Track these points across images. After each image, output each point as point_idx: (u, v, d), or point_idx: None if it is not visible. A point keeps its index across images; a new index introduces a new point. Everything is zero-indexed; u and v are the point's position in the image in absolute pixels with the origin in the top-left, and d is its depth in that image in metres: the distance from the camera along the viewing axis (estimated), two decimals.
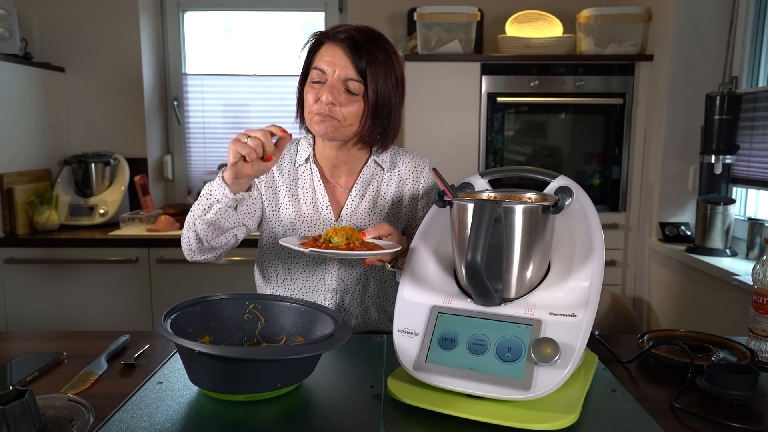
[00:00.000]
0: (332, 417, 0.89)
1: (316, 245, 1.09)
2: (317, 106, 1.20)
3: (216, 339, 1.06)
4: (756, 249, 2.06)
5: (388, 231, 1.16)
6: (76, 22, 2.92)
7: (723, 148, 2.16)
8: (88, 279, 2.56)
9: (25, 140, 2.70)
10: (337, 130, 1.22)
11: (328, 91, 1.19)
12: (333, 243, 1.10)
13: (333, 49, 1.21)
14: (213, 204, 1.16)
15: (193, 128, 3.24)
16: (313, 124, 1.23)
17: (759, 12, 2.23)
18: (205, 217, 1.18)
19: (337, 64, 1.19)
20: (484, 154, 2.61)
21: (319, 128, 1.22)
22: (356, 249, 1.08)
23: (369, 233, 1.14)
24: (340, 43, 1.20)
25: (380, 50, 1.22)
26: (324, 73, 1.20)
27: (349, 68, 1.19)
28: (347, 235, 1.10)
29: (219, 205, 1.16)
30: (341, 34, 1.20)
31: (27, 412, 0.80)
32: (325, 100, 1.19)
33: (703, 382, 0.97)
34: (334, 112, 1.20)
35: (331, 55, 1.20)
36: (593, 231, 0.97)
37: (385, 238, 1.16)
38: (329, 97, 1.18)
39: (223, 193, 1.14)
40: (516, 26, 2.68)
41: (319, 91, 1.21)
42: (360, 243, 1.11)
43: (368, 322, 1.37)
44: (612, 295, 2.44)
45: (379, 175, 1.35)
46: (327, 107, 1.19)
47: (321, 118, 1.20)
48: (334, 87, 1.19)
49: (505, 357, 0.89)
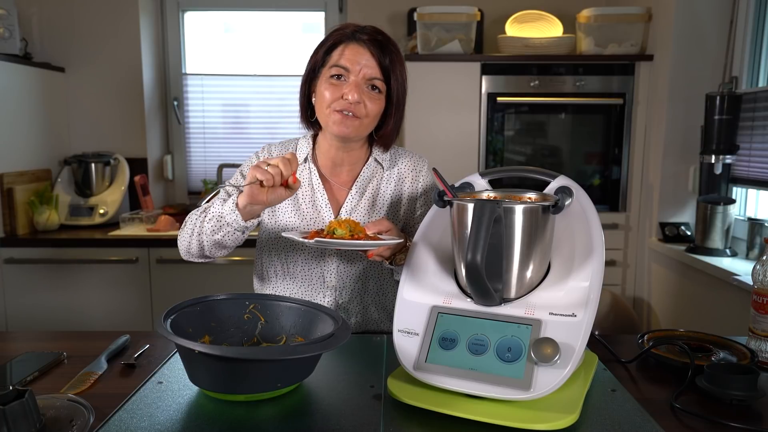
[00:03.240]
0: (332, 417, 0.89)
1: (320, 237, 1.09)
2: (340, 104, 1.22)
3: (216, 339, 1.06)
4: (756, 249, 2.06)
5: (388, 227, 1.16)
6: (76, 22, 2.92)
7: (723, 148, 2.16)
8: (88, 279, 2.56)
9: (25, 140, 2.70)
10: (357, 130, 1.24)
11: (356, 90, 1.21)
12: (337, 234, 1.10)
13: (357, 48, 1.23)
14: (222, 227, 1.18)
15: (193, 128, 3.24)
16: (331, 123, 1.24)
17: (759, 12, 2.23)
18: (213, 237, 1.20)
19: (363, 63, 1.22)
20: (484, 154, 2.61)
21: (339, 128, 1.23)
22: (361, 239, 1.09)
23: (369, 229, 1.15)
24: (365, 43, 1.23)
25: (396, 51, 1.27)
26: (347, 71, 1.22)
27: (374, 68, 1.22)
28: (351, 228, 1.11)
29: (228, 228, 1.17)
30: (364, 35, 1.24)
31: (27, 412, 0.80)
32: (352, 99, 1.20)
33: (703, 382, 0.97)
34: (359, 111, 1.22)
35: (355, 54, 1.22)
36: (593, 231, 0.97)
37: (385, 234, 1.16)
38: (356, 95, 1.20)
39: (234, 219, 1.15)
40: (516, 26, 2.68)
41: (339, 88, 1.22)
42: (363, 235, 1.12)
43: (368, 320, 1.37)
44: (612, 295, 2.44)
45: (379, 174, 1.36)
46: (353, 106, 1.21)
47: (342, 117, 1.22)
48: (360, 85, 1.22)
49: (505, 357, 0.89)
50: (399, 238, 1.15)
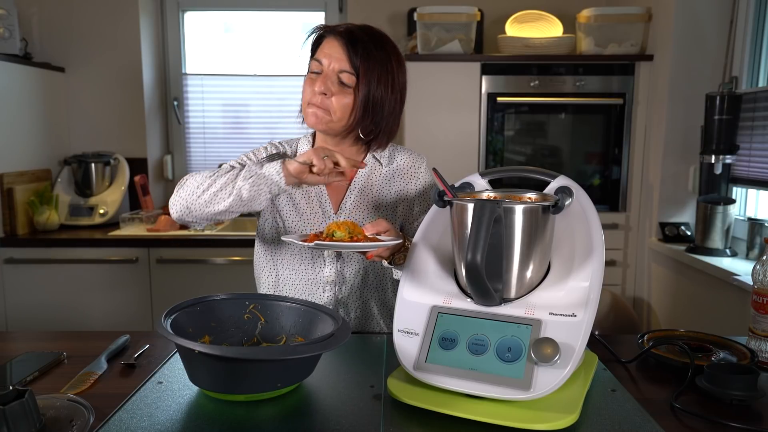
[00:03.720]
0: (332, 417, 0.89)
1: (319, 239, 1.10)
2: (313, 98, 1.23)
3: (216, 339, 1.06)
4: (756, 249, 2.06)
5: (386, 227, 1.16)
6: (76, 22, 2.92)
7: (723, 148, 2.16)
8: (88, 279, 2.56)
9: (25, 140, 2.70)
10: (327, 124, 1.25)
11: (321, 81, 1.22)
12: (336, 237, 1.10)
13: (332, 42, 1.24)
14: (261, 184, 1.13)
15: (193, 128, 3.24)
16: (306, 116, 1.26)
17: (759, 12, 2.23)
18: (242, 192, 1.14)
19: (333, 56, 1.22)
20: (484, 154, 2.61)
21: (309, 121, 1.25)
22: (360, 241, 1.09)
23: (367, 230, 1.15)
24: (339, 36, 1.23)
25: (379, 49, 1.24)
26: (321, 64, 1.23)
27: (343, 60, 1.22)
28: (350, 229, 1.11)
29: (265, 188, 1.14)
30: (340, 28, 1.24)
31: (27, 412, 0.80)
32: (317, 90, 1.22)
33: (703, 382, 0.97)
34: (325, 103, 1.23)
35: (330, 48, 1.24)
36: (593, 231, 0.97)
37: (383, 234, 1.16)
38: (321, 86, 1.22)
39: (278, 180, 1.13)
40: (516, 26, 2.68)
41: (314, 82, 1.24)
42: (362, 237, 1.12)
43: (368, 316, 1.38)
44: (612, 295, 2.44)
45: (377, 171, 1.36)
46: (319, 97, 1.22)
47: (314, 109, 1.24)
48: (328, 78, 1.23)
49: (505, 357, 0.89)
50: (397, 239, 1.15)
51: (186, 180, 1.24)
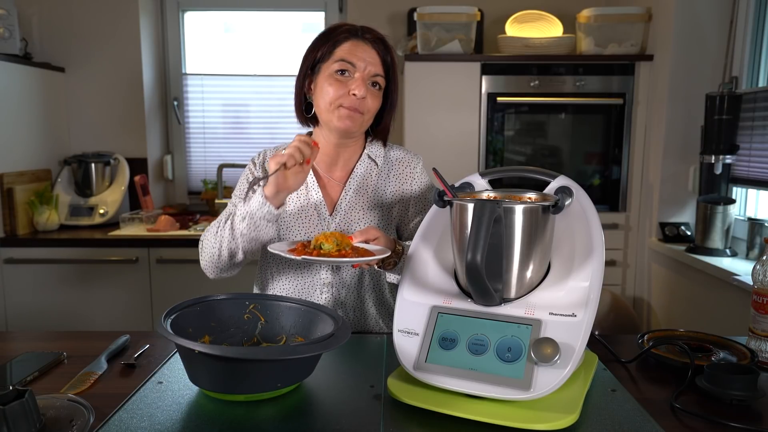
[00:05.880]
0: (332, 417, 0.89)
1: (306, 252, 1.09)
2: (347, 100, 1.24)
3: (216, 339, 1.06)
4: (756, 249, 2.06)
5: (375, 234, 1.16)
6: (76, 22, 2.92)
7: (723, 148, 2.16)
8: (88, 279, 2.56)
9: (25, 140, 2.70)
10: (361, 125, 1.29)
11: (361, 84, 1.24)
12: (324, 249, 1.10)
13: (363, 46, 1.27)
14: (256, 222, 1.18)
15: (193, 128, 3.24)
16: (335, 118, 1.26)
17: (759, 12, 2.23)
18: (250, 235, 1.20)
19: (368, 61, 1.26)
20: (484, 154, 2.61)
21: (344, 123, 1.26)
22: (347, 255, 1.09)
23: (356, 237, 1.16)
24: (371, 42, 1.28)
25: (394, 52, 1.34)
26: (354, 67, 1.25)
27: (378, 65, 1.28)
28: (337, 242, 1.10)
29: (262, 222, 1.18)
30: (368, 34, 1.29)
31: (27, 412, 0.80)
32: (359, 94, 1.24)
33: (703, 382, 0.97)
34: (363, 106, 1.26)
35: (362, 51, 1.26)
36: (593, 231, 0.97)
37: (372, 242, 1.16)
38: (363, 90, 1.24)
39: (267, 210, 1.17)
40: (516, 26, 2.68)
41: (345, 84, 1.25)
42: (350, 248, 1.12)
43: (366, 315, 1.38)
44: (612, 295, 2.44)
45: (373, 170, 1.37)
46: (359, 101, 1.24)
47: (348, 112, 1.25)
48: (366, 81, 1.26)
49: (505, 357, 0.89)
50: (386, 247, 1.16)
51: (202, 244, 1.30)
